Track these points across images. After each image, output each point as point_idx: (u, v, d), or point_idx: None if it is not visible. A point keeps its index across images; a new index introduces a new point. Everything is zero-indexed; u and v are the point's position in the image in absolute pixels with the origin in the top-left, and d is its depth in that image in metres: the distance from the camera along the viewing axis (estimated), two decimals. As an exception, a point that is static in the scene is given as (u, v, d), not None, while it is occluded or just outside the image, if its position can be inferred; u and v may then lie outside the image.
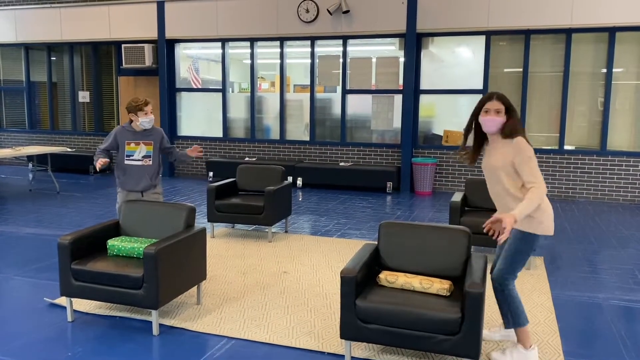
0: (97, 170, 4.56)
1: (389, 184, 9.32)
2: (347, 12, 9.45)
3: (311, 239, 6.19)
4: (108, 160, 4.50)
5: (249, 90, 10.73)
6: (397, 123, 9.80)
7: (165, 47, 10.75)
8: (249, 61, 10.63)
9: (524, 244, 3.10)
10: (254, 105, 10.68)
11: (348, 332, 3.12)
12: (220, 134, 11.00)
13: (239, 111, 10.94)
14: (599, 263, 5.46)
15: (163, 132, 4.80)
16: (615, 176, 8.70)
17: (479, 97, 8.95)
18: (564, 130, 8.92)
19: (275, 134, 10.67)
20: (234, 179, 6.60)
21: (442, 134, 9.69)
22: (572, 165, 8.90)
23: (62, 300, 4.13)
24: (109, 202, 8.17)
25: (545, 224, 3.09)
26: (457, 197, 5.56)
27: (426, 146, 9.68)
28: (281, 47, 10.32)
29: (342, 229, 6.75)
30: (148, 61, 10.74)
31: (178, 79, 11.17)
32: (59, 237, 3.79)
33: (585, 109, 8.89)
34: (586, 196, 8.85)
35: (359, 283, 3.14)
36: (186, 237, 3.85)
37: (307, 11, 9.77)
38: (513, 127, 3.10)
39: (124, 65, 10.94)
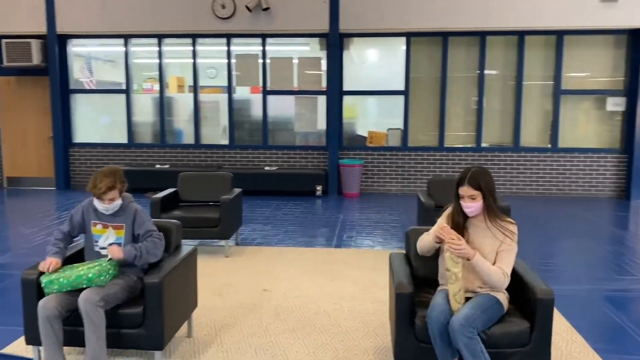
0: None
1: (319, 187, 9.06)
2: (267, 9, 9.03)
3: (270, 250, 5.73)
4: (59, 261, 3.00)
5: (141, 92, 9.89)
6: (321, 125, 9.59)
7: (56, 44, 9.49)
8: (140, 60, 9.80)
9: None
10: (164, 107, 9.83)
11: (405, 354, 2.80)
12: (124, 140, 9.97)
13: (145, 114, 10.01)
14: (551, 256, 5.68)
15: (138, 209, 3.22)
16: (527, 171, 9.27)
17: (401, 98, 9.31)
18: (480, 129, 9.32)
19: (189, 138, 9.91)
20: (175, 189, 5.92)
21: (366, 135, 9.65)
22: (489, 162, 9.32)
23: (13, 349, 3.30)
24: (25, 221, 6.97)
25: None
26: (426, 197, 5.46)
27: (350, 147, 9.58)
28: (193, 44, 9.60)
29: (294, 236, 6.36)
30: (36, 59, 9.40)
31: (72, 79, 9.94)
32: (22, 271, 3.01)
33: (499, 108, 9.36)
34: (503, 191, 9.32)
35: (414, 300, 2.84)
36: (183, 260, 3.26)
37: (224, 7, 9.18)
38: (495, 212, 2.82)
39: (5, 64, 9.46)
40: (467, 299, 2.79)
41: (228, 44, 9.53)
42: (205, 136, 9.88)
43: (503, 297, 2.81)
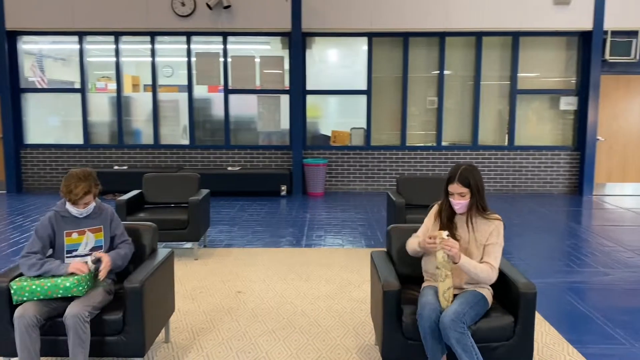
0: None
1: (283, 187, 9.01)
2: (228, 7, 8.91)
3: (240, 251, 5.65)
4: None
5: (94, 91, 9.59)
6: (284, 124, 9.54)
7: (5, 40, 9.06)
8: (93, 59, 9.50)
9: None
10: (121, 107, 9.54)
11: (392, 352, 2.81)
12: (80, 141, 9.62)
13: (102, 114, 9.68)
14: (512, 251, 5.85)
15: (113, 211, 3.15)
16: (486, 169, 9.51)
17: (364, 98, 9.37)
18: (441, 128, 9.49)
19: (147, 139, 9.66)
20: (140, 191, 5.75)
21: (329, 134, 9.67)
22: (449, 160, 9.51)
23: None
24: (-41, 228, 6.60)
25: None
26: (396, 196, 5.50)
27: (314, 147, 9.57)
28: (152, 42, 9.37)
29: (262, 237, 6.30)
30: (-17, 56, 8.96)
31: (22, 78, 9.51)
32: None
33: (458, 108, 9.56)
34: (464, 188, 9.51)
35: (401, 298, 2.85)
36: (162, 264, 3.16)
37: (183, 4, 9.00)
38: (480, 206, 2.89)
39: (-50, 61, 8.98)
40: (454, 295, 2.83)
41: (188, 42, 9.34)
42: (164, 136, 9.66)
43: (488, 293, 2.87)
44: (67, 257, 3.00)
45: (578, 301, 4.28)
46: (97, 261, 2.91)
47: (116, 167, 9.38)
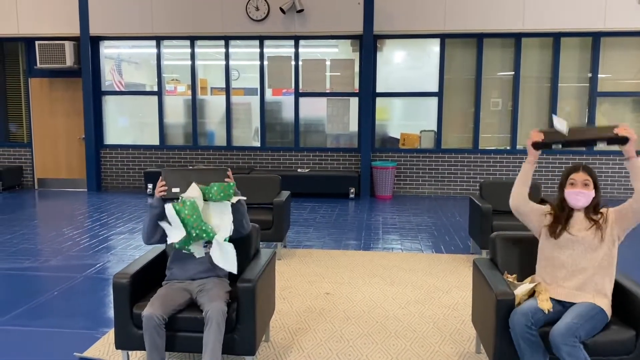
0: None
1: (352, 190, 9.03)
2: (301, 11, 9.02)
3: (320, 253, 5.70)
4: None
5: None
6: (353, 127, 9.56)
7: (89, 45, 9.50)
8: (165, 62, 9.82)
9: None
10: (196, 109, 9.83)
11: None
12: (156, 142, 9.97)
13: (177, 116, 10.01)
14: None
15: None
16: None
17: (434, 100, 9.26)
18: (516, 130, 9.25)
19: (220, 140, 9.90)
20: (223, 191, 5.89)
21: (398, 137, 9.61)
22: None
23: (94, 353, 3.28)
24: (32, 223, 6.98)
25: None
26: (481, 201, 5.40)
27: (383, 149, 9.54)
28: (226, 46, 9.60)
29: (339, 239, 6.33)
30: (69, 61, 9.42)
31: (103, 81, 9.96)
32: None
33: (534, 110, 9.29)
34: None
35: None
36: (268, 264, 3.23)
37: (257, 9, 9.17)
38: (598, 205, 2.86)
39: (39, 65, 9.49)
40: (567, 304, 2.76)
41: (261, 46, 9.51)
42: (236, 138, 9.87)
43: (607, 306, 2.75)
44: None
45: None
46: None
47: (190, 168, 9.64)
